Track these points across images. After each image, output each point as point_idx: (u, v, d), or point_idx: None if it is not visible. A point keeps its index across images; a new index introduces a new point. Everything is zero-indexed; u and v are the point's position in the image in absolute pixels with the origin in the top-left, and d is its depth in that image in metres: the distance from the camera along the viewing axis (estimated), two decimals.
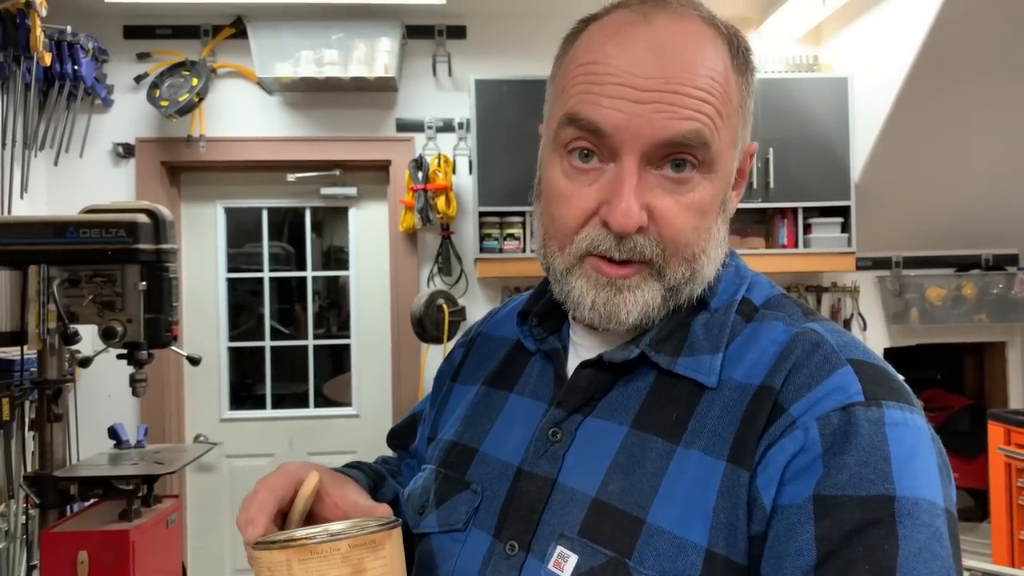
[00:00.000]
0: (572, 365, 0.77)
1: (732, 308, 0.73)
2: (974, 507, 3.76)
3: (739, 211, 3.35)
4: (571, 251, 0.70)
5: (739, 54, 0.71)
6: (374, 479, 0.89)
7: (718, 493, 0.63)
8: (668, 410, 0.69)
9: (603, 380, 0.73)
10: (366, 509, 0.75)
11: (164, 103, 3.12)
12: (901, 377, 0.68)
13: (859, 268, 3.40)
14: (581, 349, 0.78)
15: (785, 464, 0.61)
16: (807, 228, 3.24)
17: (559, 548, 0.66)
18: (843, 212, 3.22)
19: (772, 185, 3.15)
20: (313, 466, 0.75)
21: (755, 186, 3.14)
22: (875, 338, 3.55)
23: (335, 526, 0.67)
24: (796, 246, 3.23)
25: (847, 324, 3.51)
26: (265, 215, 3.49)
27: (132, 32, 3.28)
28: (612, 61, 0.66)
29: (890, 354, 3.57)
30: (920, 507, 0.58)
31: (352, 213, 3.51)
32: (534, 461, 0.72)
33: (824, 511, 0.58)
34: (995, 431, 3.03)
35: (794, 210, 3.22)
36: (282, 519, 0.73)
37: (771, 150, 3.12)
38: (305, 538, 0.62)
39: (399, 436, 1.02)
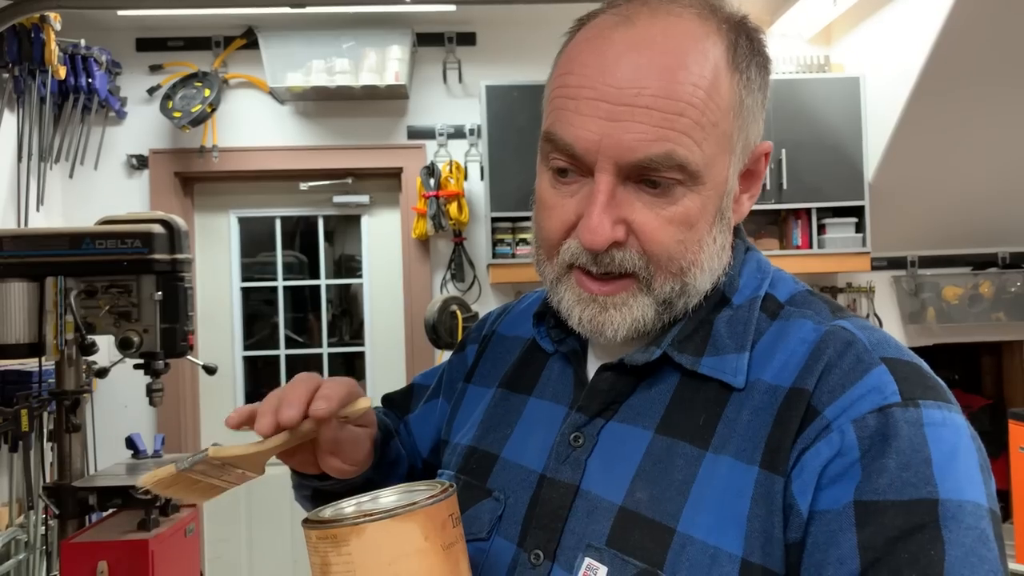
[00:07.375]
0: (592, 366, 0.76)
1: (756, 304, 0.71)
2: None
3: (752, 212, 3.31)
4: (557, 261, 0.69)
5: (738, 49, 0.67)
6: (384, 432, 0.89)
7: (752, 500, 0.61)
8: (694, 414, 0.67)
9: (625, 383, 0.71)
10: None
11: (177, 114, 3.14)
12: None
13: (874, 268, 3.38)
14: (599, 350, 0.76)
15: (821, 468, 0.60)
16: (821, 229, 3.22)
17: (587, 559, 0.65)
18: (857, 212, 3.20)
19: (785, 186, 3.13)
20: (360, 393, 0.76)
21: (768, 187, 3.13)
22: None
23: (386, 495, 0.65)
24: (810, 247, 3.22)
25: None
26: (278, 224, 3.50)
27: (144, 44, 3.31)
28: (587, 71, 0.65)
29: None
30: (965, 509, 0.56)
31: (364, 221, 3.52)
32: (556, 467, 0.71)
33: (866, 517, 0.57)
34: (1016, 430, 3.00)
35: (808, 211, 3.21)
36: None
37: (784, 151, 3.10)
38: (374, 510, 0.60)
39: (393, 401, 1.02)
